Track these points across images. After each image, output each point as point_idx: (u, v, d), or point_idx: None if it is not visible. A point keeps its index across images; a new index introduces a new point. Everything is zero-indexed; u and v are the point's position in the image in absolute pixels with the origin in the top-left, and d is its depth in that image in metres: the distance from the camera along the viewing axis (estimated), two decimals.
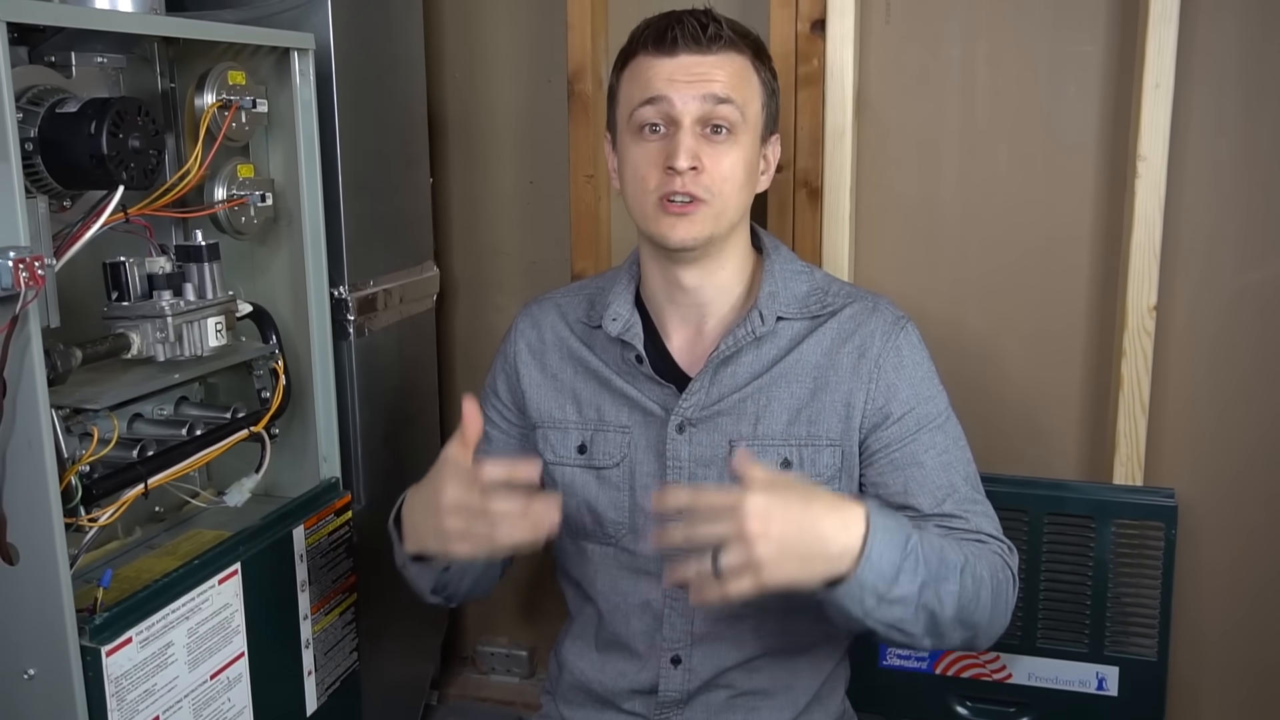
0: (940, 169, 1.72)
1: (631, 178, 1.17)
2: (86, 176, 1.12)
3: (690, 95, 1.12)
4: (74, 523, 1.12)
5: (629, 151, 1.17)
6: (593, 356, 1.26)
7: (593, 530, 1.25)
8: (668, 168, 1.12)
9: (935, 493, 1.16)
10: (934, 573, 1.01)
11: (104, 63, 1.25)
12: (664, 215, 1.14)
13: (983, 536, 1.15)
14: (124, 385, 1.21)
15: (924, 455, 1.17)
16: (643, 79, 1.14)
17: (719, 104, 1.13)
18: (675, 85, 1.13)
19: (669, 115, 1.13)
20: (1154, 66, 1.52)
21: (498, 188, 2.00)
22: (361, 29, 1.60)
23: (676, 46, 1.13)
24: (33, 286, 0.99)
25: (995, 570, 1.11)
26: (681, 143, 1.12)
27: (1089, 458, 1.72)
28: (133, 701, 1.14)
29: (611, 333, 1.21)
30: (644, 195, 1.15)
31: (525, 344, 1.30)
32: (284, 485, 1.49)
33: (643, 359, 1.20)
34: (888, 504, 1.18)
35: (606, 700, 1.27)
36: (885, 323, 1.20)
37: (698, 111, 1.12)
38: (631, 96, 1.16)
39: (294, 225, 1.43)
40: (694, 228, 1.14)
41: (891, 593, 0.98)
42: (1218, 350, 1.64)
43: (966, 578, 1.05)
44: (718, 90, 1.13)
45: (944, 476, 1.17)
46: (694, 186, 1.12)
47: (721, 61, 1.14)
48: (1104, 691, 1.60)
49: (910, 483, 1.17)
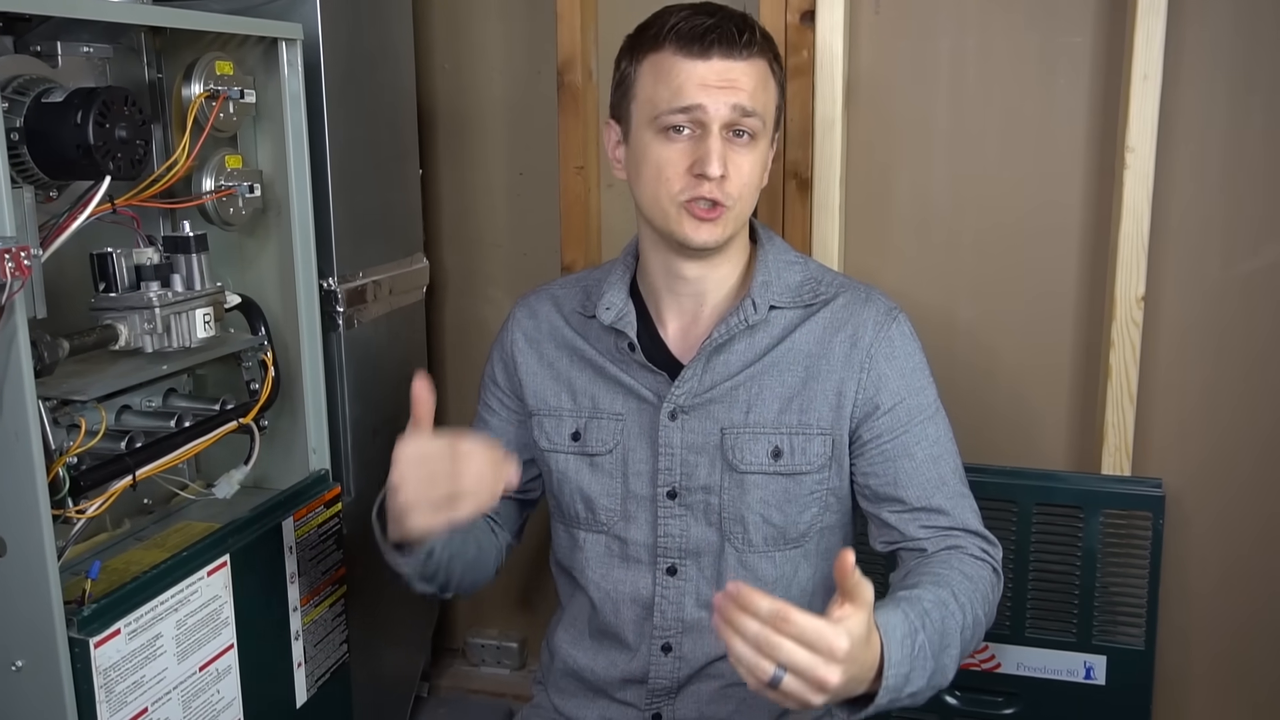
0: (930, 160, 1.72)
1: (653, 176, 1.15)
2: (73, 167, 1.11)
3: (722, 102, 1.11)
4: (62, 514, 1.12)
5: (650, 150, 1.15)
6: (587, 345, 1.26)
7: (585, 518, 1.25)
8: (697, 174, 1.12)
9: (924, 485, 1.18)
10: (938, 653, 1.01)
11: (90, 52, 1.24)
12: (689, 218, 1.14)
13: (964, 540, 1.16)
14: (112, 376, 1.20)
15: (915, 447, 1.18)
16: (674, 80, 1.12)
17: (745, 115, 1.12)
18: (709, 91, 1.11)
19: (699, 120, 1.12)
20: (1142, 58, 1.52)
21: (487, 179, 2.00)
22: (350, 19, 1.60)
23: (711, 50, 1.11)
24: (19, 277, 0.98)
25: (987, 591, 1.12)
26: (713, 149, 1.11)
27: (1077, 448, 1.73)
28: (121, 693, 1.13)
29: (605, 321, 1.22)
30: (666, 196, 1.14)
31: (522, 333, 1.30)
32: (273, 477, 1.48)
33: (635, 346, 1.21)
34: (876, 494, 1.19)
35: (599, 689, 1.27)
36: (878, 312, 1.20)
37: (727, 118, 1.12)
38: (657, 96, 1.14)
39: (282, 216, 1.43)
40: (717, 230, 1.15)
41: (905, 691, 0.97)
42: (1206, 341, 1.65)
43: (968, 634, 1.06)
44: (745, 102, 1.12)
45: (933, 469, 1.18)
46: (719, 193, 1.13)
47: (750, 69, 1.13)
48: (1092, 680, 1.61)
49: (900, 474, 1.18)
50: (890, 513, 1.19)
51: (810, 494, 1.19)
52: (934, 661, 1.00)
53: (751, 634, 0.86)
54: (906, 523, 1.18)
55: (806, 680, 0.86)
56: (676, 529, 1.21)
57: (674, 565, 1.22)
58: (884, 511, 1.19)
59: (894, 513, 1.19)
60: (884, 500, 1.19)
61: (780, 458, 1.18)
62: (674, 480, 1.20)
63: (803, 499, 1.19)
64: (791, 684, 0.86)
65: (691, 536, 1.21)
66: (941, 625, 1.03)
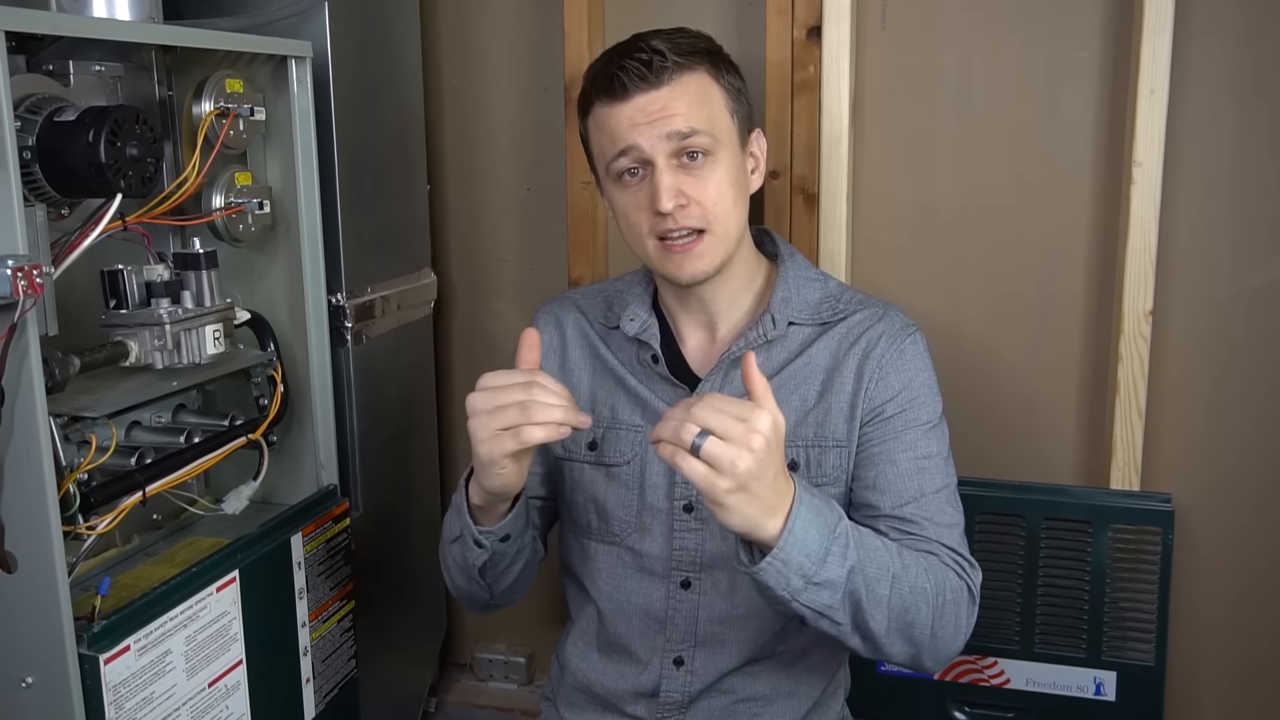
0: (936, 175, 1.72)
1: (625, 224, 1.17)
2: (85, 184, 1.12)
3: (655, 135, 1.11)
4: (72, 530, 1.12)
5: (615, 199, 1.17)
6: (610, 355, 1.27)
7: (598, 529, 1.25)
8: (656, 211, 1.12)
9: (900, 494, 1.15)
10: (865, 566, 1.00)
11: (102, 71, 1.25)
12: (668, 255, 1.14)
13: (936, 548, 1.12)
14: (122, 393, 1.21)
15: (900, 454, 1.16)
16: (607, 129, 1.14)
17: (685, 138, 1.11)
18: (638, 129, 1.11)
19: (642, 159, 1.12)
20: (1149, 72, 1.53)
21: (495, 194, 2.00)
22: (359, 37, 1.61)
23: (627, 90, 1.11)
24: (31, 295, 0.99)
25: (943, 585, 1.08)
26: (661, 184, 1.11)
27: (1086, 463, 1.72)
28: (131, 709, 1.14)
29: (629, 332, 1.22)
30: (642, 239, 1.15)
31: (546, 339, 1.30)
32: (282, 492, 1.49)
33: (659, 358, 1.21)
34: (854, 500, 1.17)
35: (608, 703, 1.27)
36: (893, 328, 1.20)
37: (667, 149, 1.11)
38: (602, 148, 1.16)
39: (292, 232, 1.43)
40: (701, 262, 1.14)
41: (819, 575, 0.97)
42: (1214, 355, 1.64)
43: (903, 584, 1.04)
44: (680, 125, 1.11)
45: (914, 480, 1.15)
46: (686, 220, 1.12)
47: (677, 90, 1.12)
48: (1102, 696, 1.60)
49: (879, 478, 1.15)
50: (864, 518, 1.15)
51: None
52: (857, 558, 0.99)
53: (675, 414, 0.92)
54: (876, 525, 1.14)
55: (731, 446, 0.90)
56: (692, 542, 1.21)
57: (688, 578, 1.21)
58: (858, 518, 1.15)
59: (867, 518, 1.15)
60: (859, 506, 1.17)
61: (797, 471, 1.18)
62: (691, 494, 1.20)
63: None
64: (714, 447, 0.90)
65: (707, 550, 1.21)
66: (875, 552, 1.02)
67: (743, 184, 1.18)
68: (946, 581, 1.09)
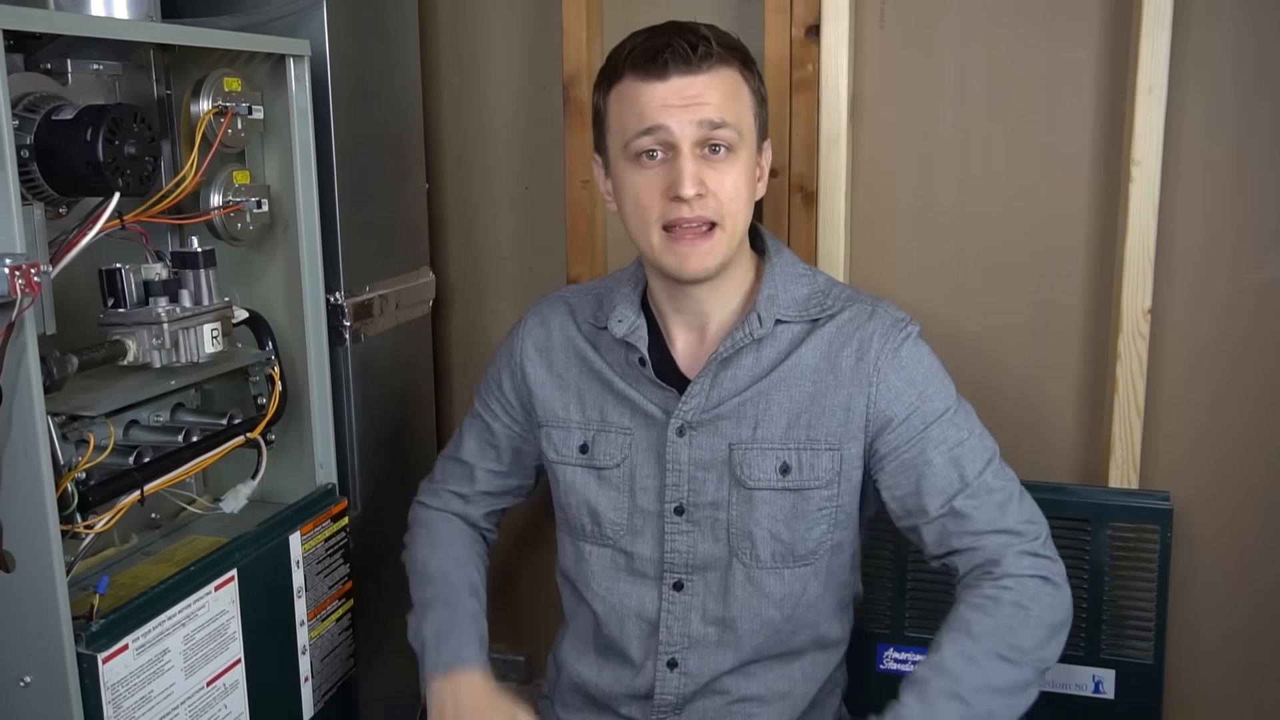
0: (935, 173, 1.72)
1: (633, 207, 1.15)
2: (83, 183, 1.12)
3: (687, 120, 1.10)
4: (70, 529, 1.12)
5: (627, 180, 1.15)
6: (597, 357, 1.26)
7: (591, 531, 1.25)
8: (673, 197, 1.11)
9: (945, 490, 1.15)
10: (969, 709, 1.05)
11: (100, 69, 1.25)
12: (674, 246, 1.13)
13: (993, 538, 1.14)
14: (120, 392, 1.21)
15: (932, 453, 1.16)
16: (636, 106, 1.12)
17: (715, 128, 1.11)
18: (670, 111, 1.10)
19: (667, 141, 1.11)
20: (1147, 71, 1.52)
21: (493, 193, 2.00)
22: (357, 35, 1.61)
23: (667, 70, 1.10)
24: (29, 293, 0.99)
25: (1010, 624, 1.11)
26: (684, 169, 1.10)
27: (1084, 461, 1.72)
28: (129, 709, 1.14)
29: (616, 334, 1.22)
30: (648, 225, 1.13)
31: (532, 342, 1.30)
32: (280, 491, 1.49)
33: (646, 361, 1.21)
34: (905, 508, 1.17)
35: (604, 704, 1.27)
36: (884, 325, 1.20)
37: (695, 136, 1.11)
38: (625, 124, 1.13)
39: (290, 231, 1.43)
40: (709, 258, 1.13)
41: None
42: (1213, 354, 1.64)
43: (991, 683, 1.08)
44: (713, 115, 1.11)
45: (953, 473, 1.16)
46: (703, 210, 1.11)
47: (713, 80, 1.11)
48: (1101, 694, 1.60)
49: (921, 482, 1.16)
50: (920, 525, 1.17)
51: (819, 510, 1.19)
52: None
53: None
54: (935, 534, 1.16)
55: None
56: (684, 545, 1.21)
57: (680, 581, 1.22)
58: (914, 525, 1.18)
59: (923, 524, 1.17)
60: (911, 514, 1.17)
61: (789, 473, 1.18)
62: (681, 496, 1.20)
63: (811, 515, 1.19)
64: None
65: (699, 552, 1.21)
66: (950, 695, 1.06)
67: (754, 187, 1.18)
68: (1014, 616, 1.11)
